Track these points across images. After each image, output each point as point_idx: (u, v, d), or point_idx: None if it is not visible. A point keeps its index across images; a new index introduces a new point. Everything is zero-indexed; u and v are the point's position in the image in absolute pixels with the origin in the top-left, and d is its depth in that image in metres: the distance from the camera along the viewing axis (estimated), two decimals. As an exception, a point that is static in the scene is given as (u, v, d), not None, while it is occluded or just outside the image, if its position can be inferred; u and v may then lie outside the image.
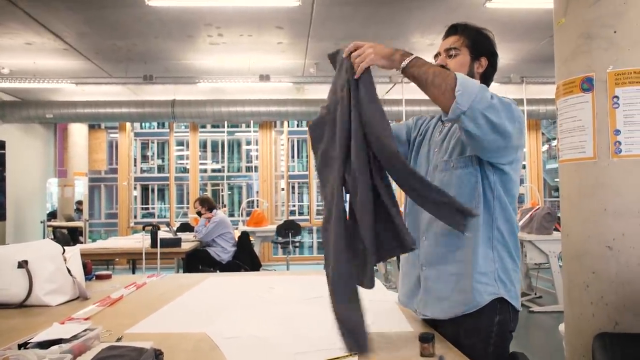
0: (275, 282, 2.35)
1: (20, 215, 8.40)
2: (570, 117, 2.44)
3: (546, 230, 4.94)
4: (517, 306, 1.42)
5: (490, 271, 1.40)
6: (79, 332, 1.28)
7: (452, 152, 1.47)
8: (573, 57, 2.41)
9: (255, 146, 10.04)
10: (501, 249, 1.43)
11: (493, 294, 1.38)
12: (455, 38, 1.56)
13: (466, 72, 1.50)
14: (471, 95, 1.24)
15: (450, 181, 1.45)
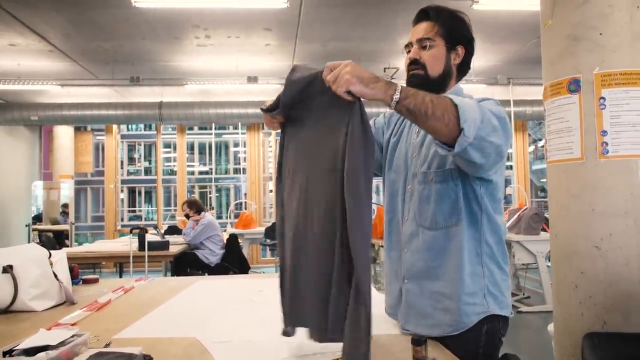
0: (265, 285, 2.33)
1: (5, 219, 8.27)
2: (557, 118, 2.46)
3: (534, 230, 4.98)
4: (507, 314, 1.38)
5: (479, 289, 1.34)
6: (66, 339, 1.25)
7: (431, 162, 1.36)
8: (560, 59, 2.43)
9: (243, 148, 10.00)
10: (490, 263, 1.36)
11: (482, 313, 1.33)
12: (428, 25, 1.41)
13: (442, 64, 1.40)
14: (475, 121, 1.14)
15: (430, 195, 1.36)
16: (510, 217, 5.37)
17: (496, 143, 1.20)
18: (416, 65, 1.40)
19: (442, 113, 1.11)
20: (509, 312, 1.39)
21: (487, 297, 1.34)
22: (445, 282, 1.34)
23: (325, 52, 6.24)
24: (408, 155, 1.45)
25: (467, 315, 1.32)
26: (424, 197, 1.37)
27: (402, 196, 1.45)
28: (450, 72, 1.43)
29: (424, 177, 1.37)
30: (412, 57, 1.40)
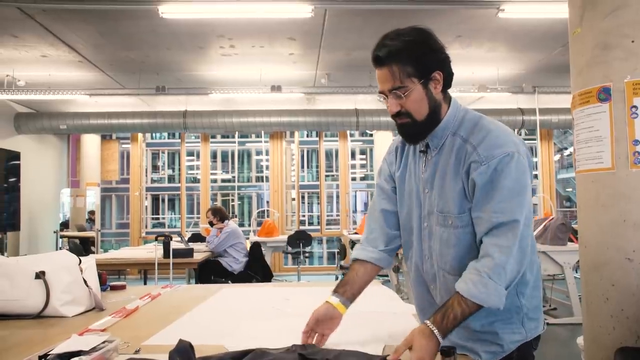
0: (291, 294, 2.33)
1: (34, 225, 8.47)
2: (586, 127, 2.42)
3: (560, 240, 4.89)
4: (541, 332, 1.35)
5: (517, 319, 1.30)
6: (98, 344, 1.27)
7: (450, 205, 1.29)
8: (589, 67, 2.39)
9: (265, 156, 10.07)
10: (525, 288, 1.31)
11: (520, 340, 1.30)
12: (389, 72, 1.25)
13: (426, 104, 1.28)
14: (500, 292, 1.17)
15: (449, 239, 1.30)
16: (536, 227, 5.28)
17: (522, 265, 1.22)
18: (400, 116, 1.29)
19: (475, 308, 1.17)
20: (543, 328, 1.36)
21: (526, 324, 1.31)
22: (481, 322, 1.29)
23: (348, 60, 6.26)
24: (419, 191, 1.38)
25: (505, 343, 1.30)
26: (443, 241, 1.32)
27: (417, 233, 1.41)
28: (436, 104, 1.31)
29: (444, 220, 1.31)
30: (393, 111, 1.29)
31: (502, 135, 1.25)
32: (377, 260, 1.47)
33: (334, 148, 15.91)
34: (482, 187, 1.22)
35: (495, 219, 1.20)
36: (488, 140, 1.24)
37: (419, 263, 1.42)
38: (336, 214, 17.94)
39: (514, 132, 1.30)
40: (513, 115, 8.30)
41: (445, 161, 1.31)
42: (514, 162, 1.20)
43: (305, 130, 9.70)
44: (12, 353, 1.35)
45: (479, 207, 1.24)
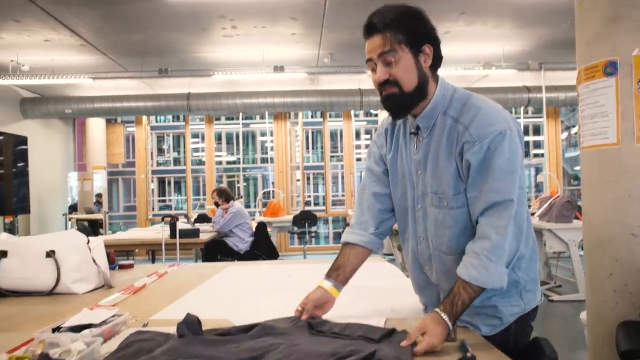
0: (294, 270, 2.37)
1: (43, 208, 8.57)
2: (592, 102, 2.40)
3: (566, 218, 4.89)
4: (538, 304, 1.37)
5: (516, 292, 1.32)
6: (107, 318, 1.31)
7: (444, 186, 1.28)
8: (596, 41, 2.37)
9: (270, 137, 10.06)
10: (522, 262, 1.32)
11: (519, 313, 1.32)
12: (383, 38, 1.24)
13: (415, 75, 1.26)
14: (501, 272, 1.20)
15: (445, 220, 1.30)
16: (541, 205, 5.28)
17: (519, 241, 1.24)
18: (387, 84, 1.27)
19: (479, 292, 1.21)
20: (540, 299, 1.38)
21: (524, 297, 1.33)
22: (480, 297, 1.27)
23: (351, 40, 6.21)
24: (412, 173, 1.37)
25: (504, 316, 1.31)
26: (439, 222, 1.32)
27: (412, 215, 1.41)
28: (425, 78, 1.28)
29: (439, 201, 1.30)
30: (381, 78, 1.26)
31: (492, 112, 1.24)
32: (368, 243, 1.48)
33: (338, 128, 15.87)
34: (476, 167, 1.22)
35: (490, 199, 1.21)
36: (479, 118, 1.23)
37: (414, 245, 1.43)
38: (341, 194, 17.99)
39: (503, 108, 1.29)
40: (519, 93, 8.23)
41: (437, 142, 1.29)
42: (506, 140, 1.20)
43: (309, 110, 9.69)
44: (27, 327, 1.39)
45: (474, 187, 1.24)
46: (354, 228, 1.51)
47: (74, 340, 1.09)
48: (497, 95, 8.03)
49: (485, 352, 1.11)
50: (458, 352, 1.11)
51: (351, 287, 1.47)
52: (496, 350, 1.14)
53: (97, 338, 1.12)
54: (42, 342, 1.10)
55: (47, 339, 1.11)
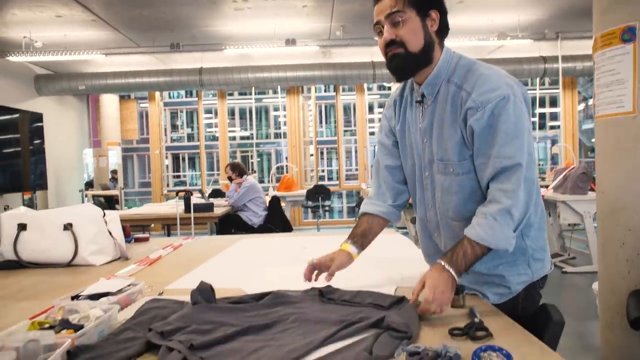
0: (308, 242, 2.39)
1: (60, 185, 8.71)
2: (608, 70, 2.36)
3: (581, 190, 4.84)
4: (547, 272, 1.37)
5: (523, 260, 1.32)
6: (124, 287, 1.35)
7: (449, 152, 1.29)
8: (613, 7, 2.31)
9: (283, 112, 10.04)
10: (530, 230, 1.32)
11: (527, 281, 1.32)
12: (390, 0, 1.26)
13: (422, 37, 1.27)
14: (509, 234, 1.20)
15: (451, 187, 1.32)
16: (556, 176, 5.23)
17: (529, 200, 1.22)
18: (393, 45, 1.28)
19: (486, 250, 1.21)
20: (549, 268, 1.38)
21: (532, 265, 1.33)
22: (487, 265, 1.31)
23: (363, 11, 6.11)
24: (418, 141, 1.39)
25: (512, 285, 1.32)
26: (445, 189, 1.33)
27: (420, 183, 1.43)
28: (431, 42, 1.29)
29: (445, 168, 1.31)
30: (387, 38, 1.27)
31: (495, 78, 1.23)
32: (386, 214, 1.51)
33: (351, 102, 15.76)
34: (480, 133, 1.22)
35: (498, 164, 1.21)
36: (481, 84, 1.22)
37: (423, 212, 1.45)
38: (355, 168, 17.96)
39: (508, 74, 1.28)
40: (535, 64, 8.06)
41: (441, 110, 1.30)
42: (510, 104, 1.19)
43: (322, 84, 9.61)
44: (47, 296, 1.44)
45: (481, 153, 1.24)
46: (372, 199, 1.54)
47: (92, 307, 1.12)
48: (512, 66, 7.88)
49: (493, 319, 1.12)
50: (467, 318, 1.13)
51: (363, 256, 1.49)
52: (504, 317, 1.15)
53: (114, 305, 1.15)
54: (61, 309, 1.13)
55: (67, 306, 1.15)
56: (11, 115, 7.14)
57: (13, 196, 6.97)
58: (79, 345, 0.95)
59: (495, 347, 0.88)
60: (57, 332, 0.98)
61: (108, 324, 1.09)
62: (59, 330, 1.00)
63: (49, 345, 0.91)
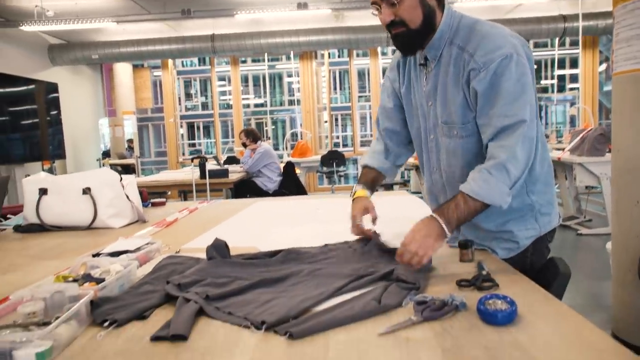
0: (322, 204, 2.43)
1: (78, 154, 8.85)
2: (628, 24, 2.30)
3: (598, 152, 4.77)
4: (555, 226, 1.38)
5: (530, 215, 1.33)
6: (142, 245, 1.40)
7: (453, 115, 1.29)
8: (631, -41, 2.24)
9: (296, 78, 9.97)
10: (535, 184, 1.32)
11: (534, 236, 1.34)
12: None
13: (421, 11, 1.24)
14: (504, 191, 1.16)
15: (456, 150, 1.32)
16: (573, 138, 5.16)
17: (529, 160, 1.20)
18: (394, 25, 1.25)
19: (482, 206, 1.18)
20: (557, 222, 1.38)
21: (539, 220, 1.33)
22: (495, 222, 1.32)
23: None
24: (423, 104, 1.38)
25: (520, 240, 1.33)
26: (450, 151, 1.34)
27: (425, 146, 1.43)
28: (431, 12, 1.26)
29: (449, 131, 1.31)
30: (387, 20, 1.25)
31: (498, 38, 1.21)
32: (386, 170, 1.55)
33: (365, 68, 15.56)
34: (483, 94, 1.21)
35: (499, 123, 1.19)
36: (484, 45, 1.20)
37: (428, 175, 1.47)
38: (369, 133, 17.88)
39: (513, 32, 1.25)
40: (554, 23, 7.84)
41: (445, 72, 1.28)
42: (513, 63, 1.17)
43: (335, 48, 9.50)
44: (69, 255, 1.50)
45: (483, 114, 1.23)
46: (373, 154, 1.57)
47: (112, 263, 1.17)
48: (530, 26, 7.67)
49: (501, 271, 1.15)
50: (475, 271, 1.15)
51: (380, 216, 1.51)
52: (511, 269, 1.18)
53: (133, 261, 1.20)
54: (84, 264, 1.19)
55: (88, 262, 1.20)
56: (27, 86, 7.21)
57: (33, 165, 7.11)
58: (101, 297, 0.99)
59: (500, 295, 0.90)
60: (81, 285, 1.03)
61: (128, 278, 1.14)
62: (82, 283, 1.05)
63: (74, 296, 0.96)
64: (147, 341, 0.86)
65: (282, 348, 0.82)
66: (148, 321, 0.95)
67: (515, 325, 0.85)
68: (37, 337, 0.79)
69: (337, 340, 0.83)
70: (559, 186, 5.94)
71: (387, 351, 0.78)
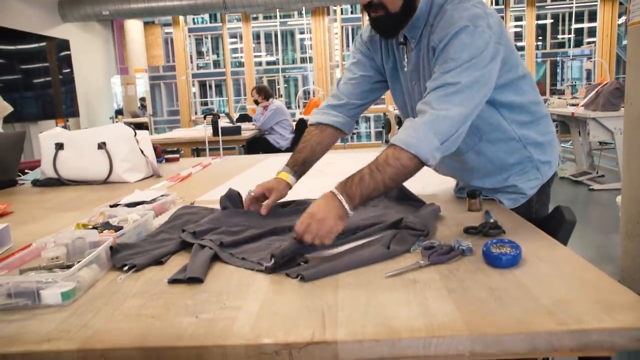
0: (333, 158, 2.44)
1: (91, 112, 8.90)
2: (647, -27, 2.22)
3: (613, 106, 4.67)
4: (556, 168, 1.38)
5: (531, 167, 1.32)
6: (157, 197, 1.44)
7: None
8: None
9: (308, 35, 9.80)
10: (532, 135, 1.29)
11: (537, 185, 1.34)
12: None
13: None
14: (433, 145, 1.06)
15: None
16: (588, 93, 5.06)
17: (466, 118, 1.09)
18: (372, 7, 1.19)
19: (397, 174, 1.06)
20: (557, 165, 1.38)
21: (540, 169, 1.33)
22: (496, 179, 1.32)
23: None
24: (407, 83, 1.34)
25: (525, 190, 1.33)
26: None
27: None
28: None
29: None
30: (364, 2, 1.18)
31: (456, 13, 1.14)
32: (343, 125, 1.47)
33: (378, 23, 15.18)
34: (434, 64, 1.16)
35: (438, 83, 1.11)
36: (443, 21, 1.15)
37: None
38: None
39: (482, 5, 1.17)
40: (574, -26, 7.57)
41: (424, 53, 1.24)
42: (464, 33, 1.11)
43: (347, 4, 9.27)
44: (87, 207, 1.54)
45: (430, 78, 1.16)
46: (328, 109, 1.48)
47: (129, 213, 1.21)
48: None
49: (507, 219, 1.17)
50: (482, 219, 1.17)
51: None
52: (518, 217, 1.20)
53: (150, 211, 1.24)
54: (102, 214, 1.23)
55: (106, 212, 1.24)
56: (39, 43, 7.19)
57: (47, 123, 7.18)
58: (120, 243, 1.04)
59: (506, 240, 0.92)
60: (100, 232, 1.07)
61: (145, 227, 1.18)
62: (102, 230, 1.10)
63: (94, 242, 1.00)
64: (165, 284, 0.90)
65: (294, 289, 0.85)
66: (165, 266, 0.99)
67: (519, 268, 0.87)
68: (61, 278, 0.84)
69: (347, 282, 0.87)
70: (572, 142, 5.88)
71: (394, 291, 0.81)
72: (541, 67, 18.30)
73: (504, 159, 1.30)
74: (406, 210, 1.26)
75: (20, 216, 1.54)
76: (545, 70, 18.92)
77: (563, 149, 6.63)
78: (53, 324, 0.75)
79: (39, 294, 0.82)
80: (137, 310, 0.79)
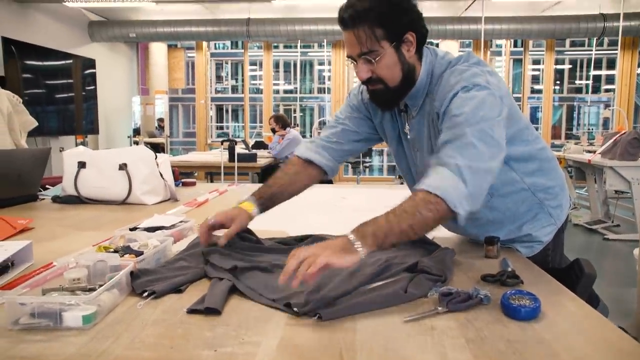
0: (348, 193, 2.46)
1: (110, 130, 9.05)
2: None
3: (631, 156, 4.67)
4: (568, 210, 1.37)
5: (543, 213, 1.32)
6: (176, 223, 1.45)
7: None
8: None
9: (327, 66, 9.96)
10: (542, 186, 1.29)
11: (552, 231, 1.34)
12: (358, 35, 1.13)
13: (399, 69, 1.17)
14: (462, 193, 1.02)
15: None
16: (605, 142, 5.06)
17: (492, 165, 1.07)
18: (371, 82, 1.20)
19: (424, 222, 1.02)
20: (569, 206, 1.38)
21: (553, 214, 1.33)
22: (510, 228, 1.32)
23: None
24: (410, 151, 1.35)
25: (541, 237, 1.33)
26: None
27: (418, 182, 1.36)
28: (410, 68, 1.20)
29: None
30: (363, 77, 1.18)
31: (454, 78, 1.15)
32: (329, 168, 1.45)
33: (397, 59, 15.38)
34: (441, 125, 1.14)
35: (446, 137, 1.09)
36: (442, 89, 1.16)
37: None
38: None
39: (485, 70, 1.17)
40: (593, 22, 7.64)
41: (428, 122, 1.24)
42: (463, 93, 1.10)
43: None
44: (106, 228, 1.57)
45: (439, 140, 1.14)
46: (317, 149, 1.45)
47: (149, 238, 1.23)
48: (568, 24, 7.49)
49: (525, 269, 1.16)
50: (499, 267, 1.17)
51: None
52: (536, 267, 1.19)
53: (169, 237, 1.25)
54: (122, 237, 1.25)
55: (127, 235, 1.26)
56: (65, 60, 7.38)
57: (67, 139, 7.31)
58: (140, 268, 1.05)
59: (524, 292, 0.92)
60: (121, 256, 1.09)
61: (164, 253, 1.19)
62: (122, 254, 1.11)
63: (115, 266, 1.02)
64: (184, 313, 0.91)
65: (310, 328, 0.86)
66: (184, 295, 1.00)
67: (538, 322, 0.87)
68: (83, 301, 0.85)
69: (364, 324, 0.87)
70: (587, 189, 5.84)
71: (412, 337, 0.81)
72: (557, 110, 18.36)
73: (515, 209, 1.31)
74: (421, 253, 1.26)
75: (41, 233, 1.56)
76: (561, 114, 18.97)
77: (578, 195, 6.59)
78: (74, 348, 0.76)
79: (61, 316, 0.83)
80: (156, 339, 0.80)
